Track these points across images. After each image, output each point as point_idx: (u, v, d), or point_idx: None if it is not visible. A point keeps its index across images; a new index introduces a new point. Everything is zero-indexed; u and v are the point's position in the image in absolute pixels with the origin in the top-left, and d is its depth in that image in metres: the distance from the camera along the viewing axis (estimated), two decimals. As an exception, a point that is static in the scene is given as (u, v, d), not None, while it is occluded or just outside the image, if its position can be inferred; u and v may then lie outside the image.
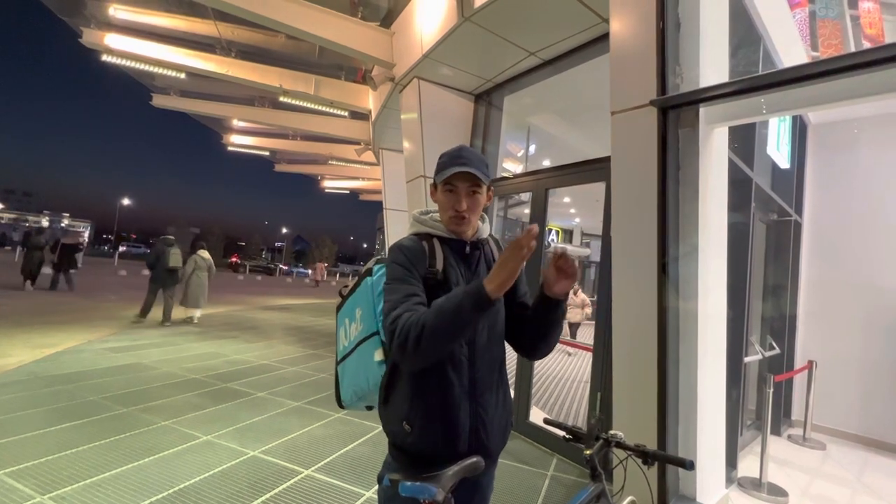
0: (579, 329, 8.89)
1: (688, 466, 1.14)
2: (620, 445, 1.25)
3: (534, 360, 2.61)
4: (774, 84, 2.03)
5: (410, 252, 1.13)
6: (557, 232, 15.11)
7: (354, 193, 19.45)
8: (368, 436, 3.50)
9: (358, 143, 9.85)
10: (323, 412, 3.97)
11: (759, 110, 2.29)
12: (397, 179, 7.71)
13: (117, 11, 6.31)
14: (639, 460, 1.22)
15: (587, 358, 6.80)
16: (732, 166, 2.83)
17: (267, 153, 13.93)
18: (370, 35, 5.19)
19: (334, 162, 12.86)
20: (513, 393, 3.74)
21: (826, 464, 3.74)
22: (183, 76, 7.46)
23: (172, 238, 7.85)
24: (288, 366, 5.62)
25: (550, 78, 4.22)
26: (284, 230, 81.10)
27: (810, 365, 4.12)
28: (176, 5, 6.22)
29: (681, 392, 2.40)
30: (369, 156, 10.13)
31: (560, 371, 6.71)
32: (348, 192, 19.89)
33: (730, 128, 2.67)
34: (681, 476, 2.41)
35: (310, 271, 30.33)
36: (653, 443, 2.33)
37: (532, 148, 6.93)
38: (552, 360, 7.45)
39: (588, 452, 1.22)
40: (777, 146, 4.11)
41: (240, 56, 7.16)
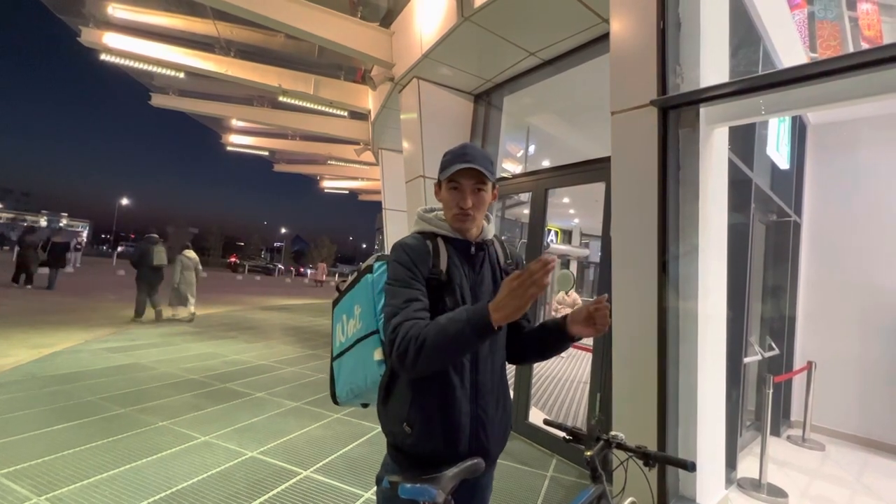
0: None
1: (689, 468, 1.13)
2: (621, 447, 1.24)
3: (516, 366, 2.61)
4: (774, 84, 2.03)
5: (414, 251, 1.11)
6: (557, 232, 15.10)
7: (353, 194, 19.43)
8: (367, 436, 3.49)
9: (357, 144, 9.84)
10: (322, 412, 3.96)
11: (759, 110, 2.29)
12: (396, 180, 7.70)
13: (116, 10, 6.29)
14: (640, 462, 1.21)
15: (587, 358, 6.80)
16: (732, 167, 2.83)
17: (266, 153, 13.90)
18: (370, 35, 5.18)
19: (333, 162, 12.84)
20: (512, 394, 3.73)
21: (825, 464, 3.74)
22: (182, 75, 7.45)
23: (157, 237, 7.86)
24: (287, 366, 5.61)
25: (550, 78, 4.21)
26: (283, 230, 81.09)
27: (809, 366, 4.12)
28: (175, 4, 6.20)
29: (681, 393, 2.40)
30: (368, 156, 10.11)
31: (559, 372, 6.70)
32: (347, 193, 19.87)
33: (730, 128, 2.67)
34: (681, 477, 2.41)
35: (311, 271, 31.90)
36: (653, 443, 2.32)
37: (531, 148, 6.93)
38: (551, 361, 7.44)
39: (588, 454, 1.22)
40: (777, 147, 4.11)
41: (239, 55, 7.14)
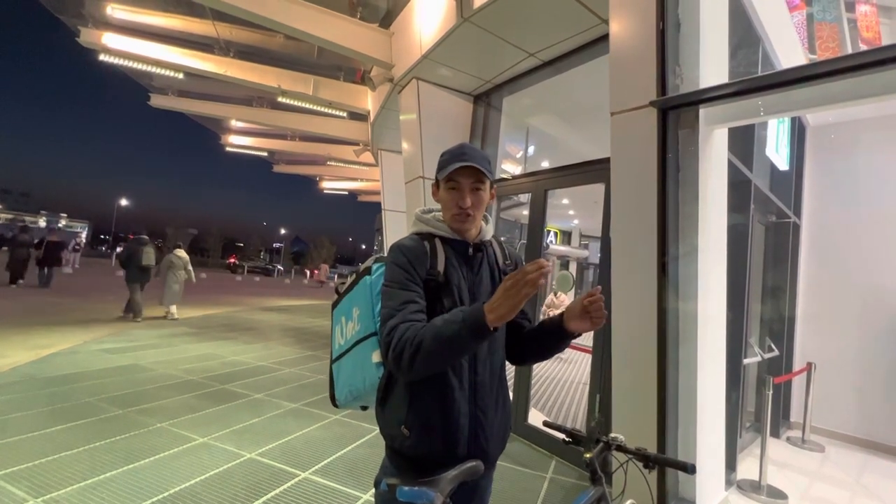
0: None
1: (689, 470, 1.13)
2: (621, 449, 1.24)
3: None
4: (773, 85, 2.03)
5: (411, 253, 1.10)
6: (556, 234, 15.10)
7: (353, 194, 19.42)
8: (366, 438, 3.49)
9: (356, 144, 9.83)
10: (321, 414, 3.95)
11: (758, 111, 2.29)
12: (396, 180, 7.69)
13: (115, 11, 6.28)
14: (640, 464, 1.20)
15: (586, 359, 6.79)
16: (732, 168, 2.82)
17: (265, 154, 13.88)
18: (369, 35, 5.18)
19: (333, 163, 12.83)
20: (511, 395, 3.72)
21: (825, 466, 3.73)
22: (181, 76, 7.44)
23: (146, 237, 8.11)
24: (286, 367, 5.60)
25: (550, 79, 4.21)
26: (283, 231, 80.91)
27: (809, 367, 4.12)
28: (174, 5, 6.20)
29: (680, 394, 2.39)
30: (368, 157, 10.11)
31: (559, 373, 6.69)
32: (347, 194, 19.87)
33: (729, 129, 2.66)
34: (680, 479, 2.40)
35: (315, 271, 33.61)
36: (652, 445, 2.32)
37: (531, 149, 6.93)
38: (551, 363, 7.43)
39: (588, 456, 1.21)
40: (776, 148, 4.11)
41: (238, 56, 7.13)
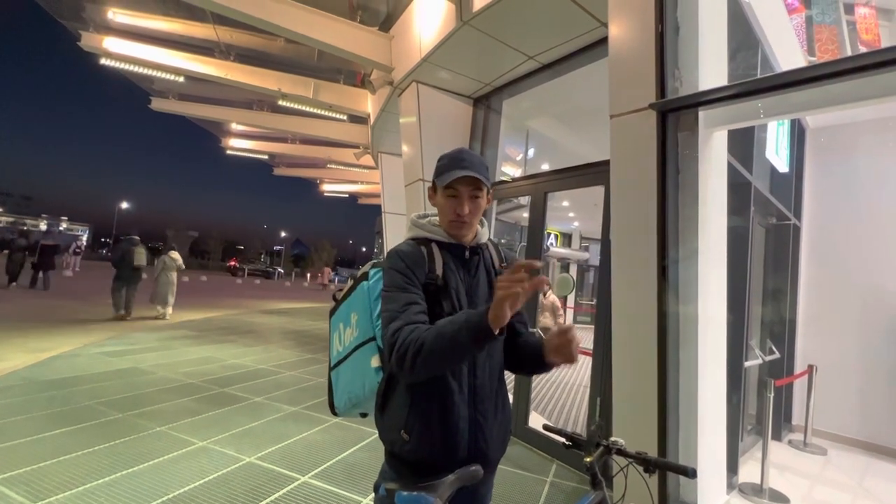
0: None
1: (690, 475, 1.12)
2: (621, 453, 1.22)
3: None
4: (773, 87, 2.03)
5: (409, 258, 1.10)
6: (556, 236, 15.10)
7: (353, 197, 19.42)
8: (366, 441, 3.47)
9: (357, 147, 9.85)
10: (320, 417, 3.94)
11: (758, 114, 2.29)
12: (396, 183, 7.70)
13: (116, 15, 6.31)
14: (640, 468, 1.19)
15: (587, 362, 6.77)
16: (731, 170, 2.82)
17: (266, 157, 13.90)
18: (369, 39, 5.20)
19: (333, 166, 12.85)
20: (512, 398, 3.71)
21: (827, 469, 3.72)
22: (181, 80, 7.46)
23: (137, 238, 8.36)
24: (285, 370, 5.58)
25: (549, 82, 4.22)
26: (283, 234, 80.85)
27: (810, 369, 4.10)
28: (175, 9, 6.21)
29: (681, 397, 2.38)
30: (368, 159, 10.12)
31: (560, 376, 6.67)
32: (347, 196, 19.88)
33: (729, 132, 2.66)
34: (681, 483, 2.39)
35: (319, 274, 34.49)
36: (653, 448, 2.30)
37: (531, 152, 6.94)
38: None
39: (588, 460, 1.20)
40: (776, 150, 4.11)
41: (238, 60, 7.15)
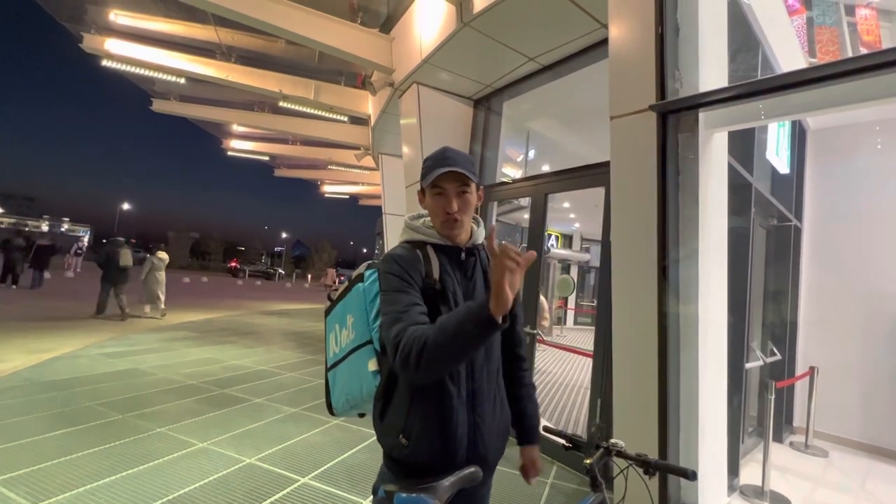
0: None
1: (690, 477, 1.11)
2: (622, 454, 1.22)
3: None
4: (773, 89, 2.03)
5: (405, 261, 1.09)
6: (557, 237, 15.10)
7: (354, 198, 19.44)
8: (366, 443, 3.47)
9: (357, 148, 9.86)
10: (321, 419, 3.94)
11: (759, 115, 2.28)
12: (396, 184, 7.70)
13: (118, 17, 6.33)
14: (640, 470, 1.19)
15: (587, 364, 6.76)
16: (732, 171, 2.82)
17: (267, 158, 13.92)
18: (370, 40, 5.20)
19: (334, 167, 12.86)
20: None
21: (829, 471, 3.70)
22: (183, 81, 7.48)
23: (122, 240, 8.67)
24: (286, 371, 5.58)
25: (550, 83, 4.22)
26: (284, 235, 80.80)
27: (812, 371, 4.09)
28: (176, 11, 6.22)
29: (682, 399, 2.37)
30: (369, 161, 10.14)
31: (560, 377, 6.66)
32: (348, 197, 19.88)
33: (729, 133, 2.66)
34: (682, 485, 2.38)
35: (323, 277, 35.22)
36: (653, 450, 2.30)
37: (531, 153, 6.95)
38: (551, 366, 7.41)
39: (588, 462, 1.20)
40: (776, 151, 4.10)
41: (240, 61, 7.16)
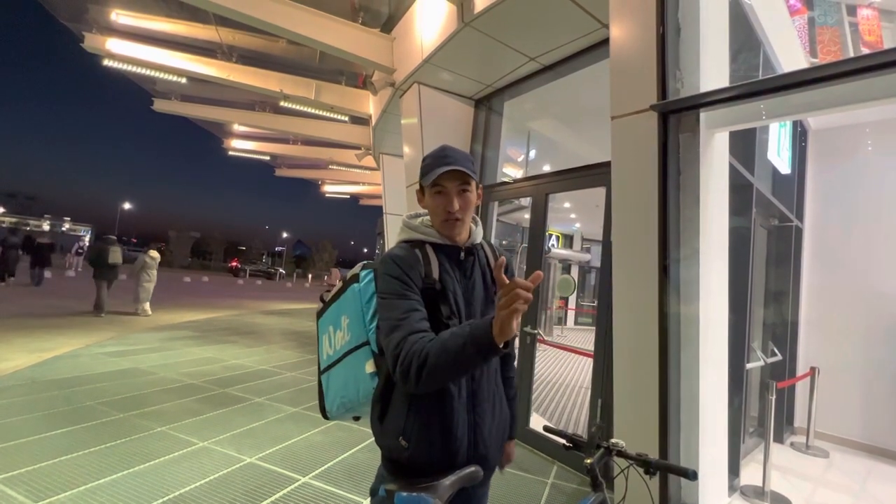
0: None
1: (690, 476, 1.11)
2: (622, 454, 1.22)
3: None
4: (775, 89, 2.03)
5: (404, 262, 1.07)
6: (558, 237, 15.09)
7: (355, 198, 19.43)
8: (367, 442, 3.47)
9: (358, 148, 9.86)
10: (321, 418, 3.93)
11: (760, 115, 2.28)
12: (397, 184, 7.71)
13: (119, 16, 6.33)
14: (641, 470, 1.19)
15: (588, 363, 6.76)
16: (733, 171, 2.82)
17: (268, 158, 13.92)
18: (371, 40, 5.21)
19: (335, 166, 12.87)
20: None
21: (829, 472, 3.70)
22: (184, 81, 7.49)
23: (113, 238, 8.92)
24: (287, 371, 5.59)
25: (550, 83, 4.22)
26: (285, 234, 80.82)
27: (812, 371, 4.09)
28: (177, 10, 6.23)
29: (682, 399, 2.37)
30: (369, 160, 10.14)
31: (561, 377, 6.66)
32: (348, 197, 19.88)
33: (730, 133, 2.66)
34: (683, 485, 2.38)
35: (326, 277, 35.33)
36: (654, 450, 2.30)
37: (532, 153, 6.94)
38: (551, 366, 7.40)
39: (588, 461, 1.20)
40: (778, 151, 4.10)
41: (241, 61, 7.16)
